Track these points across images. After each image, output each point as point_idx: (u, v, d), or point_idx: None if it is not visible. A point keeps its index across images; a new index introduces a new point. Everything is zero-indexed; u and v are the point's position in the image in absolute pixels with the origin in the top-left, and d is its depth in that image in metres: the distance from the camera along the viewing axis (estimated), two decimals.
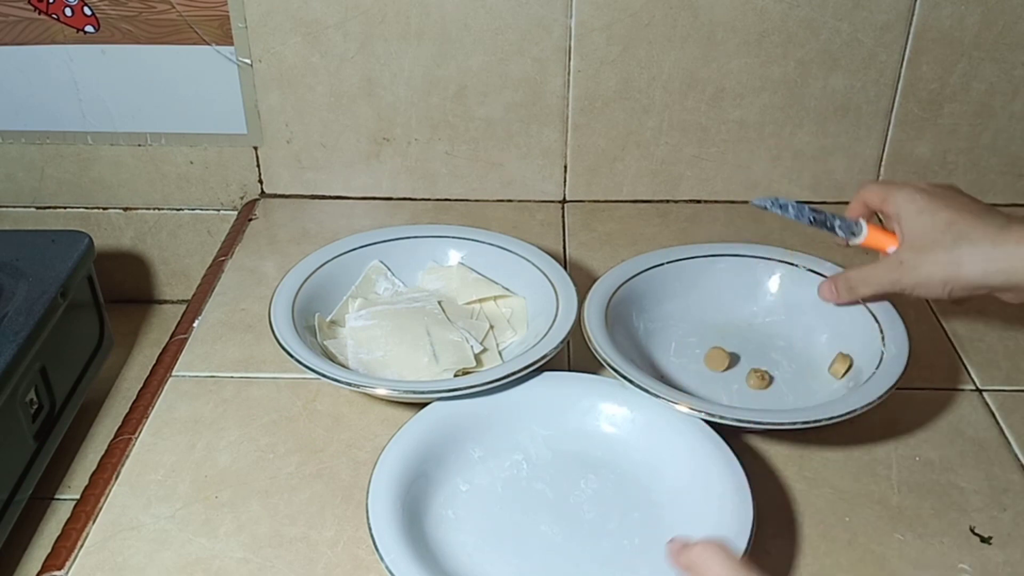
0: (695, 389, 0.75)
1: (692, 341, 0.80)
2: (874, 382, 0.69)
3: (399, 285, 0.85)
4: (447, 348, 0.76)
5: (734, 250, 0.84)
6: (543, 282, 0.81)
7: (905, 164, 1.01)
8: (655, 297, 0.81)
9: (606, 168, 1.02)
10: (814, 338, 0.79)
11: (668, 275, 0.82)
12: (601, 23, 0.93)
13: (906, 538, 0.63)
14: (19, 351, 0.76)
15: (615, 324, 0.76)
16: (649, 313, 0.80)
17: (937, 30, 0.93)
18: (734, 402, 0.74)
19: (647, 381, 0.68)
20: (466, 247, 0.86)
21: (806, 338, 0.79)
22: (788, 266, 0.82)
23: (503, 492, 0.66)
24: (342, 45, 0.96)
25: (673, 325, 0.81)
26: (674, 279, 0.82)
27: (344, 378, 0.69)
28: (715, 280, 0.83)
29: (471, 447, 0.68)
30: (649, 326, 0.80)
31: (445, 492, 0.65)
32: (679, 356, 0.78)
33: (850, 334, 0.76)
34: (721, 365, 0.77)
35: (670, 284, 0.82)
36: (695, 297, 0.82)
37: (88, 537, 0.63)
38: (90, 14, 0.95)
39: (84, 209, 1.08)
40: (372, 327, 0.78)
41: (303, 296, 0.79)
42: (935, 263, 0.67)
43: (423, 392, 0.70)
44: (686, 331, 0.81)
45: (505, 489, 0.66)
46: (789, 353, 0.79)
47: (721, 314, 0.82)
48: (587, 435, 0.70)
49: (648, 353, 0.78)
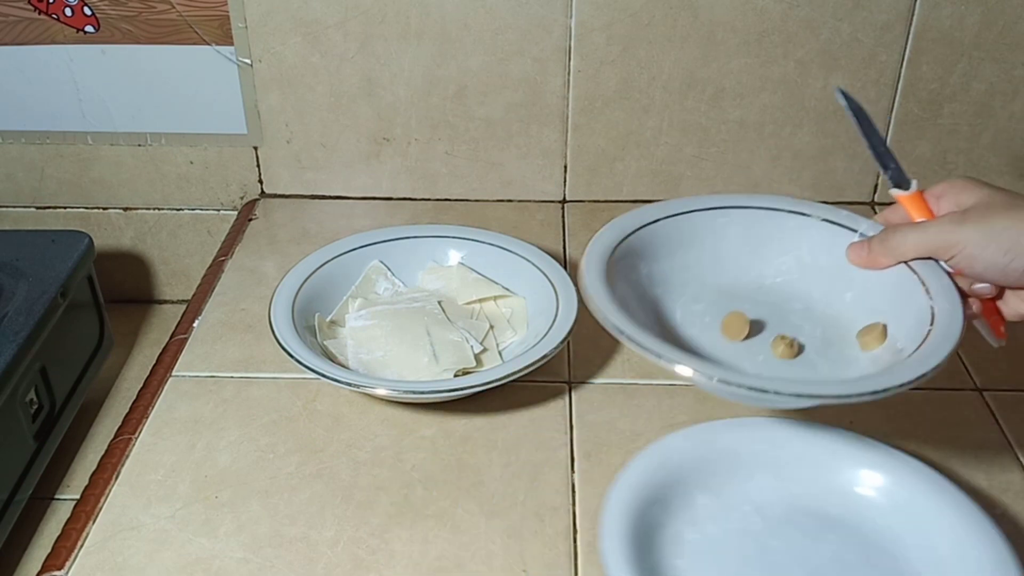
0: (718, 361, 0.65)
1: (698, 309, 0.69)
2: (933, 340, 0.58)
3: (399, 285, 0.85)
4: (447, 348, 0.76)
5: (733, 201, 0.73)
6: (543, 282, 0.81)
7: (905, 164, 1.00)
8: (652, 257, 0.70)
9: (606, 168, 1.02)
10: (836, 298, 0.68)
11: (660, 234, 0.71)
12: (601, 23, 0.93)
13: None
14: (19, 351, 0.76)
15: (618, 281, 0.66)
16: (652, 270, 0.70)
17: (937, 30, 0.93)
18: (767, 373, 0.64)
19: (685, 358, 0.57)
20: (466, 247, 0.86)
21: (827, 299, 0.69)
22: (799, 216, 0.71)
23: (736, 545, 0.61)
24: (342, 45, 0.96)
25: (675, 290, 0.70)
26: (667, 238, 0.71)
27: (344, 378, 0.69)
28: (715, 237, 0.72)
29: (696, 492, 0.63)
30: (656, 292, 0.69)
31: (672, 539, 0.61)
32: (687, 325, 0.67)
33: (879, 292, 0.66)
34: (741, 333, 0.66)
35: (663, 244, 0.70)
36: (693, 257, 0.71)
37: (88, 537, 0.63)
38: (90, 14, 0.95)
39: (84, 209, 1.08)
40: (372, 327, 0.78)
41: (303, 296, 0.79)
42: (1007, 218, 0.58)
43: (423, 392, 0.70)
44: (690, 296, 0.70)
45: (737, 542, 0.61)
46: (811, 317, 0.68)
47: (726, 275, 0.71)
48: (827, 490, 0.64)
49: (667, 323, 0.67)
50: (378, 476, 0.68)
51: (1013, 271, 0.58)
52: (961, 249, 0.59)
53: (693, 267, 0.70)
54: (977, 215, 0.59)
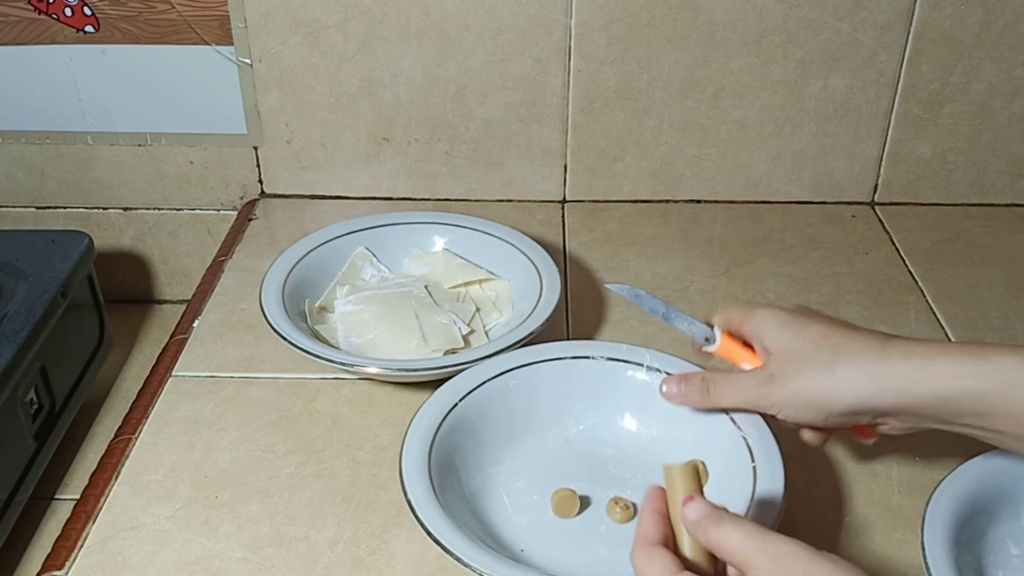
0: (563, 552, 0.60)
1: (522, 486, 0.65)
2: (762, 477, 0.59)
3: (385, 271, 0.87)
4: (435, 330, 0.78)
5: (512, 362, 0.69)
6: (526, 264, 0.83)
7: (905, 164, 1.01)
8: (459, 448, 0.65)
9: (606, 168, 1.02)
10: (643, 433, 0.68)
11: (458, 419, 0.66)
12: (601, 23, 0.93)
13: (906, 538, 0.63)
14: (19, 351, 0.76)
15: (446, 492, 0.61)
16: (466, 462, 0.65)
17: (937, 30, 0.93)
18: (618, 549, 0.60)
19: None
20: (450, 233, 0.88)
21: (633, 438, 0.68)
22: (583, 361, 0.70)
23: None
24: (342, 45, 0.96)
25: (494, 475, 0.66)
26: (466, 420, 0.66)
27: (336, 358, 0.71)
28: (507, 403, 0.68)
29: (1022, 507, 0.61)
30: (473, 486, 0.64)
31: (995, 553, 0.59)
32: (520, 513, 0.63)
33: (681, 422, 0.65)
34: (573, 510, 0.63)
35: (463, 429, 0.66)
36: (492, 431, 0.67)
37: (88, 537, 0.63)
38: (90, 14, 0.95)
39: (84, 209, 1.08)
40: (361, 311, 0.80)
41: (292, 283, 0.81)
42: (810, 380, 0.56)
43: (414, 370, 0.71)
44: (508, 476, 0.66)
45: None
46: (624, 462, 0.66)
47: (532, 438, 0.68)
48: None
49: (487, 522, 0.62)
50: (378, 476, 0.68)
51: (833, 422, 0.57)
52: (778, 411, 0.58)
53: (499, 441, 0.67)
54: (781, 377, 0.57)
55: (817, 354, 0.56)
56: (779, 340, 0.58)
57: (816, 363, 0.56)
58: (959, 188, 1.02)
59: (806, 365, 0.56)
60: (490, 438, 0.67)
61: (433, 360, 0.73)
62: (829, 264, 0.93)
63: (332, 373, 0.77)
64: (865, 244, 0.96)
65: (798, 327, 0.58)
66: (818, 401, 0.56)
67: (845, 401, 0.55)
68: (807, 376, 0.56)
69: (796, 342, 0.57)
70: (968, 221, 1.00)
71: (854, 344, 0.56)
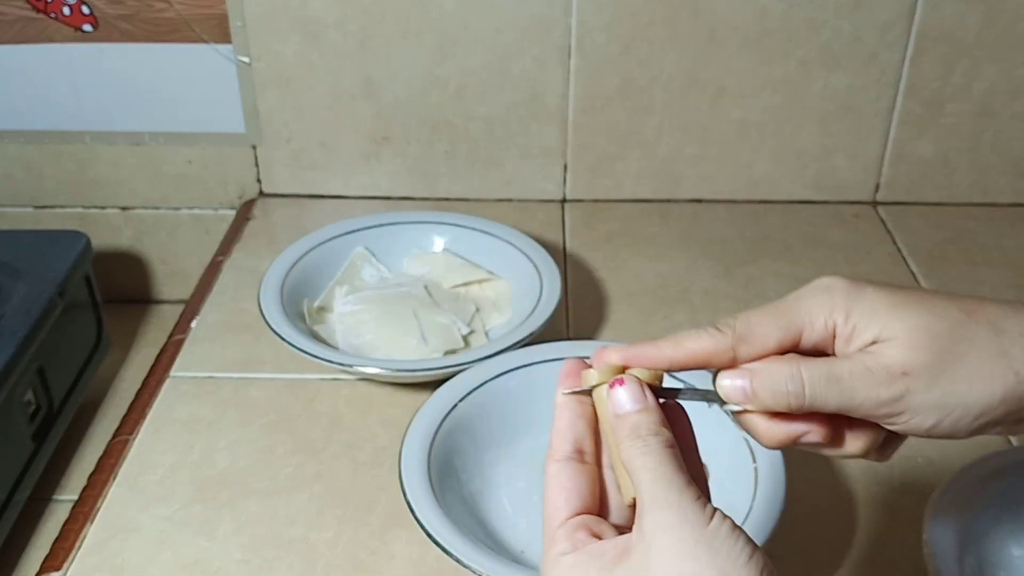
0: None
1: (522, 487, 0.65)
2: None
3: (384, 271, 0.86)
4: (435, 330, 0.77)
5: (506, 365, 0.69)
6: (527, 264, 0.83)
7: (907, 164, 1.01)
8: (461, 451, 0.65)
9: (607, 167, 1.02)
10: None
11: (458, 420, 0.66)
12: (602, 22, 0.93)
13: (908, 539, 0.63)
14: (17, 351, 0.76)
15: (445, 495, 0.61)
16: (467, 463, 0.65)
17: (939, 29, 0.93)
18: None
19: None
20: (449, 232, 0.88)
21: None
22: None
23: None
24: (342, 44, 0.95)
25: (491, 477, 0.66)
26: (466, 421, 0.66)
27: (335, 359, 0.71)
28: (500, 403, 0.68)
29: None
30: (473, 487, 0.65)
31: (998, 554, 0.59)
32: (520, 514, 0.63)
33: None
34: None
35: (463, 432, 0.66)
36: (488, 434, 0.67)
37: (86, 538, 0.63)
38: (88, 13, 0.95)
39: (82, 209, 1.07)
40: (360, 312, 0.79)
41: (290, 283, 0.80)
42: (975, 370, 0.39)
43: (413, 370, 0.71)
44: (506, 478, 0.66)
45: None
46: None
47: (524, 440, 0.67)
48: None
49: (487, 523, 0.62)
50: (378, 477, 0.68)
51: (974, 428, 0.41)
52: (909, 417, 0.40)
53: (499, 442, 0.67)
54: (924, 371, 0.39)
55: (974, 335, 0.40)
56: (902, 324, 0.40)
57: (977, 347, 0.40)
58: (961, 188, 1.02)
59: (959, 350, 0.40)
60: (490, 439, 0.67)
61: (433, 360, 0.73)
62: (831, 264, 0.93)
63: (331, 374, 0.76)
64: (867, 244, 0.96)
65: (915, 302, 0.41)
66: (985, 399, 0.39)
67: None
68: (970, 366, 0.39)
69: (933, 322, 0.40)
70: (970, 221, 1.00)
71: (1018, 315, 0.41)
